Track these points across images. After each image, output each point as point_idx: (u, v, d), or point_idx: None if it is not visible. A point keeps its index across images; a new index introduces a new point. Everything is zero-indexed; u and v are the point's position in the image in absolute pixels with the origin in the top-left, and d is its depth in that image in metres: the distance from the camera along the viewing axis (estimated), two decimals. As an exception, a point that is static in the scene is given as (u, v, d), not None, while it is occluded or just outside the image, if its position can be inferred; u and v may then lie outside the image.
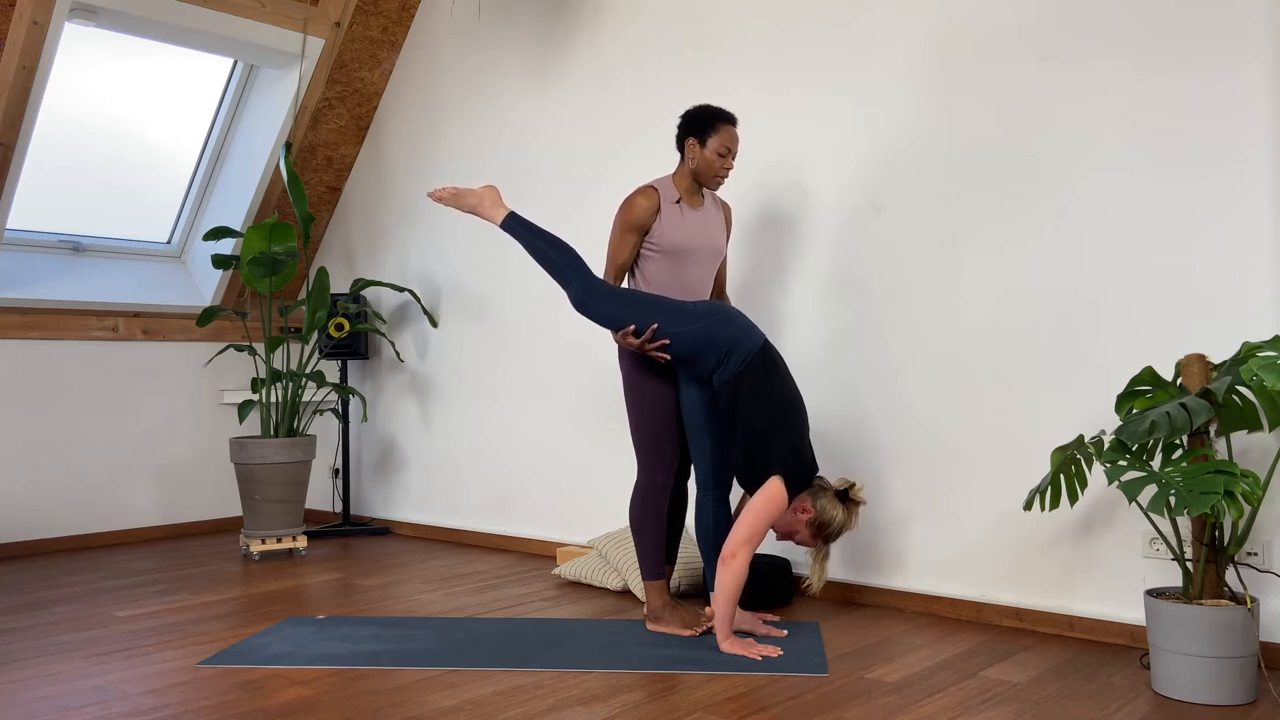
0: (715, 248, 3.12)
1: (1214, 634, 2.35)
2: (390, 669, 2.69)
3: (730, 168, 3.08)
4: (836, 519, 2.79)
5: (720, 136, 3.03)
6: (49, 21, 3.98)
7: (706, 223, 3.11)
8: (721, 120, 3.05)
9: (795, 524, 2.82)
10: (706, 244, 3.09)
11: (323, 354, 4.94)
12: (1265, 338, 2.69)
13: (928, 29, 3.32)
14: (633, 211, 3.03)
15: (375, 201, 5.25)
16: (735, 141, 3.05)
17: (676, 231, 3.05)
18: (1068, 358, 3.02)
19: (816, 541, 2.83)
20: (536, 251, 2.98)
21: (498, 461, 4.60)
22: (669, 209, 3.05)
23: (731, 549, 2.73)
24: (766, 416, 2.80)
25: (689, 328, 2.86)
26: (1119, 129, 2.93)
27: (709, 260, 3.12)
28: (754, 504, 2.76)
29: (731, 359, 2.84)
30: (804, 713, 2.32)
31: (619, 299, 2.92)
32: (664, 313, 2.89)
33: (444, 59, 4.92)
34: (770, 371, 2.85)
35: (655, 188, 3.07)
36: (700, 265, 3.10)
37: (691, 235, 3.07)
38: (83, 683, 2.60)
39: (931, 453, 3.29)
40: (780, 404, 2.82)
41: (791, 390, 2.87)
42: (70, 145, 4.64)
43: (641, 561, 3.09)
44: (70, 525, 4.69)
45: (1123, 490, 2.31)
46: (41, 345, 4.63)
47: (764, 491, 2.76)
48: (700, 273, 3.11)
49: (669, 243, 3.04)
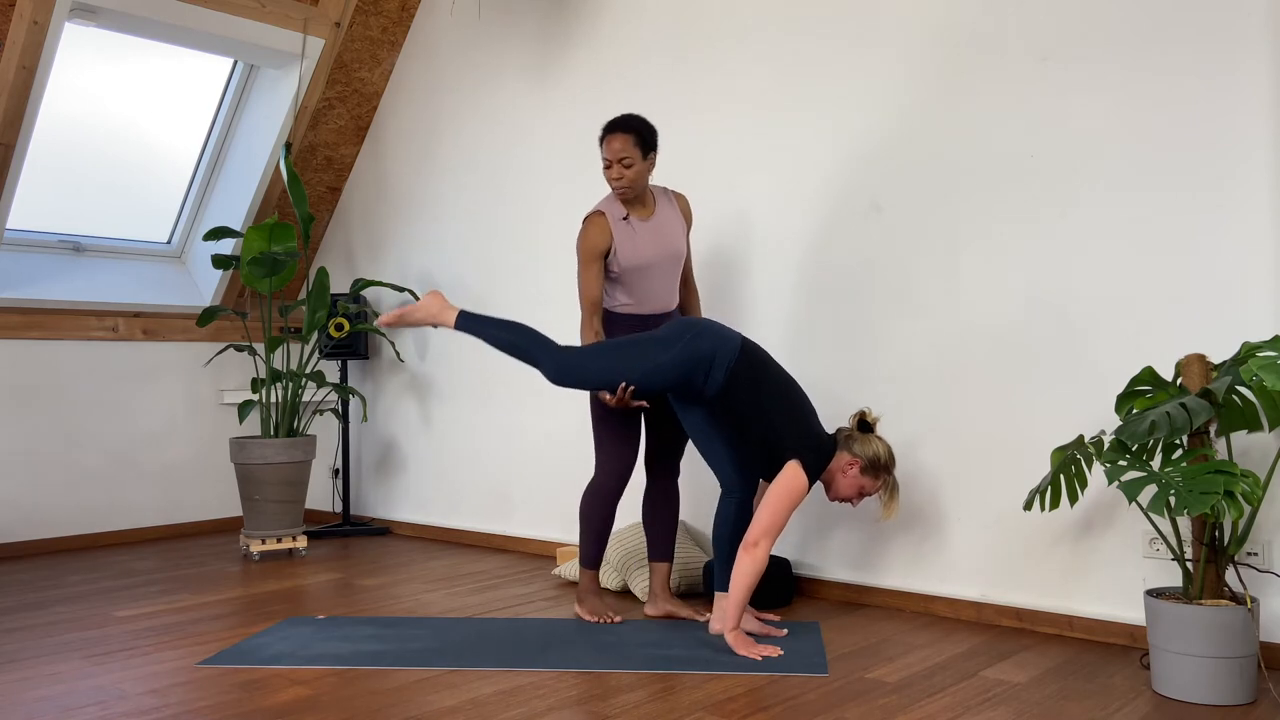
0: (674, 254, 3.12)
1: (1214, 634, 2.35)
2: (390, 669, 2.69)
3: (618, 177, 3.04)
4: (879, 450, 2.84)
5: (604, 149, 3.05)
6: (49, 21, 3.99)
7: (661, 230, 3.11)
8: (604, 132, 3.07)
9: (852, 481, 2.85)
10: (664, 253, 3.10)
11: (323, 354, 4.94)
12: (1265, 338, 2.69)
13: (928, 29, 3.32)
14: (587, 242, 3.05)
15: (375, 201, 5.25)
16: (616, 152, 3.02)
17: (632, 250, 3.06)
18: (1068, 357, 3.02)
19: (880, 481, 2.86)
20: (497, 341, 2.95)
21: (498, 461, 4.60)
22: (620, 228, 3.06)
23: (754, 537, 2.73)
24: (767, 409, 2.82)
25: (665, 357, 2.86)
26: (1119, 129, 2.93)
27: (671, 267, 3.13)
28: (774, 491, 2.76)
29: (715, 369, 2.85)
30: (804, 713, 2.32)
31: (591, 357, 2.90)
32: (638, 350, 2.88)
33: (444, 59, 4.92)
34: (756, 368, 2.86)
35: (601, 210, 3.08)
36: (662, 275, 3.12)
37: (646, 250, 3.07)
38: (83, 683, 2.60)
39: (931, 453, 3.29)
40: (776, 393, 2.84)
41: (783, 376, 2.89)
42: (70, 145, 4.64)
43: (579, 548, 3.22)
44: (70, 525, 4.69)
45: (1123, 490, 2.31)
46: (41, 345, 4.63)
47: (782, 478, 2.77)
48: (663, 282, 3.13)
49: (627, 262, 3.06)
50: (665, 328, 2.93)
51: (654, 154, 3.08)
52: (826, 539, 3.52)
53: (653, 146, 3.08)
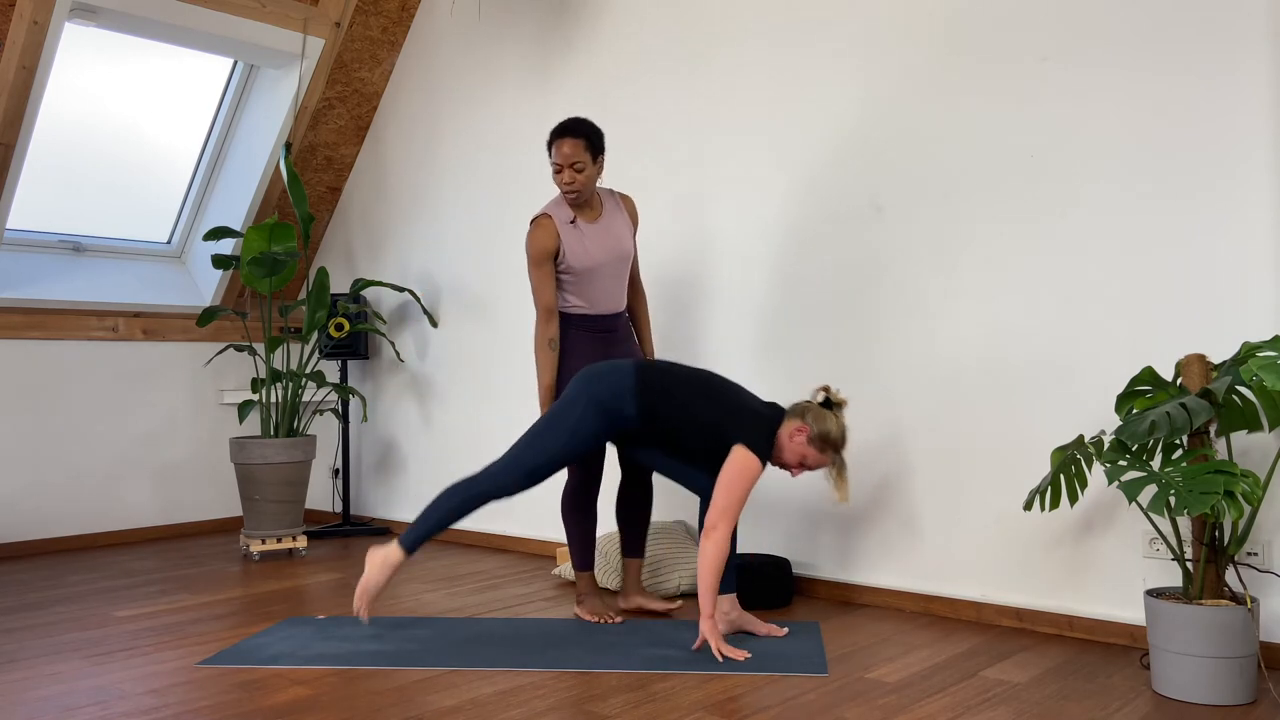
0: (622, 255, 3.18)
1: (1214, 634, 2.35)
2: (390, 669, 2.69)
3: (568, 181, 3.07)
4: (832, 426, 2.83)
5: (553, 154, 3.08)
6: (49, 22, 3.99)
7: (608, 233, 3.16)
8: (553, 136, 3.10)
9: (796, 448, 2.85)
10: (611, 255, 3.15)
11: (323, 354, 4.94)
12: (1265, 338, 2.69)
13: (928, 29, 3.32)
14: (535, 245, 3.09)
15: (375, 201, 5.25)
16: (567, 157, 3.04)
17: (580, 252, 3.11)
18: (1068, 357, 3.02)
19: (826, 455, 2.85)
20: (444, 522, 2.89)
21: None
22: (567, 231, 3.10)
23: (712, 521, 2.74)
24: (694, 412, 2.82)
25: (575, 418, 2.85)
26: (1119, 129, 2.94)
27: (619, 268, 3.18)
28: (726, 475, 2.75)
29: (624, 403, 2.85)
30: (804, 713, 2.32)
31: (522, 459, 2.86)
32: (552, 426, 2.87)
33: (444, 59, 4.92)
34: (663, 381, 2.86)
35: (548, 214, 3.12)
36: (609, 276, 3.17)
37: (594, 251, 3.12)
38: (83, 683, 2.60)
39: (931, 453, 3.29)
40: (695, 394, 2.84)
41: (695, 375, 2.89)
42: (70, 145, 4.64)
43: (570, 553, 3.28)
44: (70, 525, 4.69)
45: (1123, 490, 2.31)
46: (41, 345, 4.63)
47: (731, 461, 2.77)
48: (610, 283, 3.17)
49: (576, 264, 3.11)
50: (564, 393, 2.93)
51: (602, 157, 3.13)
52: (826, 539, 3.52)
53: (601, 150, 3.12)
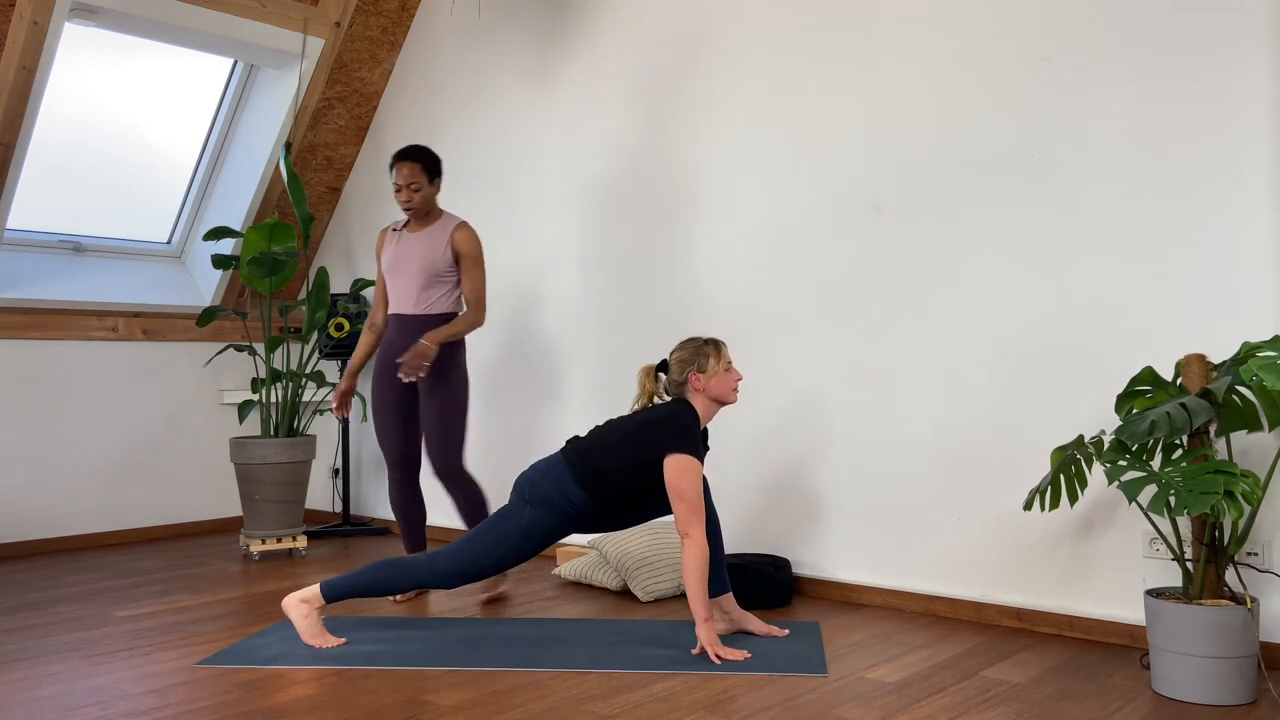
0: (422, 265, 3.51)
1: (1214, 634, 2.35)
2: (390, 669, 2.69)
3: (407, 200, 3.47)
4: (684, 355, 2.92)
5: (394, 175, 3.47)
6: (49, 22, 3.99)
7: (420, 244, 3.52)
8: (394, 160, 3.49)
9: (714, 386, 2.91)
10: (412, 263, 3.52)
11: (323, 354, 4.94)
12: (1265, 338, 2.69)
13: (928, 30, 3.32)
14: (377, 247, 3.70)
15: (375, 201, 5.25)
16: (405, 178, 3.45)
17: (388, 255, 3.59)
18: (1068, 357, 3.02)
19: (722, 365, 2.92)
20: (369, 590, 2.87)
21: (497, 461, 4.60)
22: (391, 237, 3.61)
23: (683, 528, 2.75)
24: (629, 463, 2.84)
25: (527, 519, 2.86)
26: (1119, 129, 2.94)
27: (415, 275, 3.51)
28: (671, 486, 2.78)
29: (569, 492, 2.85)
30: (804, 713, 2.32)
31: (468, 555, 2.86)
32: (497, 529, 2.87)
33: (444, 59, 4.92)
34: (592, 455, 2.86)
35: (392, 224, 3.62)
36: (406, 278, 3.52)
37: (401, 256, 3.54)
38: (83, 683, 2.60)
39: (931, 453, 3.29)
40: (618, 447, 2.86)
41: (610, 435, 2.90)
42: (70, 145, 4.64)
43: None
44: (70, 525, 4.69)
45: (1123, 490, 2.31)
46: (41, 345, 4.63)
47: (668, 474, 2.79)
48: (406, 283, 3.53)
49: (383, 263, 3.61)
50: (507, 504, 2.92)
51: (439, 179, 3.54)
52: (826, 539, 3.52)
53: (437, 173, 3.53)
